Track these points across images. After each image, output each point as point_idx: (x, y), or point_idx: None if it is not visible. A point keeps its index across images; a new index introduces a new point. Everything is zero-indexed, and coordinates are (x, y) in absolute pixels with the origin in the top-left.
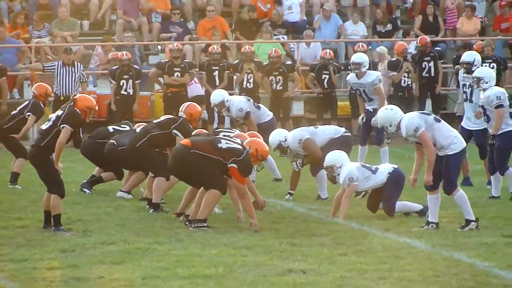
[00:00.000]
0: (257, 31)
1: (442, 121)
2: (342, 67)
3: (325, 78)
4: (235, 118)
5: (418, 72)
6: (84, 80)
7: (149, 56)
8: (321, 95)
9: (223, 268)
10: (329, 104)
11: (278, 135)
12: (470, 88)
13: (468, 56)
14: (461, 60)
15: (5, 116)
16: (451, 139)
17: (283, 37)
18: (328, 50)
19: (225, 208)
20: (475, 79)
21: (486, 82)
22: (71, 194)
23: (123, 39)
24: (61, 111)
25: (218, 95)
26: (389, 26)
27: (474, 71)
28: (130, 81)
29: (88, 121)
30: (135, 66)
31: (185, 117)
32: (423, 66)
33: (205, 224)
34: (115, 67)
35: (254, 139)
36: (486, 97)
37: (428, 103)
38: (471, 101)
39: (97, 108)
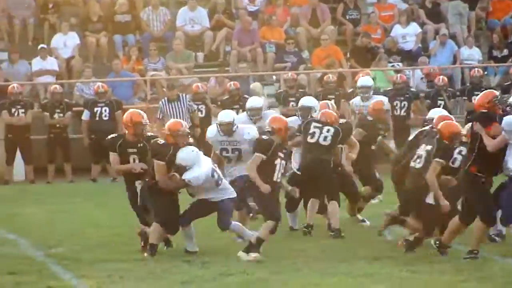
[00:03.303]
0: (372, 59)
1: None
2: (458, 93)
3: (440, 104)
4: None
5: None
6: (193, 110)
7: (264, 86)
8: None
9: None
10: None
11: None
12: None
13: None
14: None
15: None
16: None
17: (398, 64)
18: (441, 77)
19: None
20: None
21: None
22: None
23: (238, 70)
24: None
25: None
26: (506, 51)
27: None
28: (240, 110)
29: None
30: (245, 96)
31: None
32: None
33: None
34: (226, 97)
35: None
36: None
37: None
38: None
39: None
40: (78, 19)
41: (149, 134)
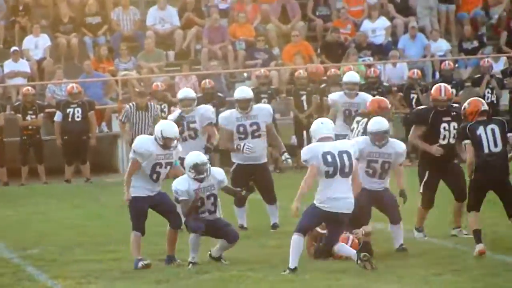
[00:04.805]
0: (343, 54)
1: None
2: (430, 86)
3: (413, 97)
4: None
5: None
6: (157, 115)
7: (235, 84)
8: (409, 115)
9: None
10: None
11: None
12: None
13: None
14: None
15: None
16: None
17: (368, 59)
18: (415, 70)
19: None
20: None
21: None
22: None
23: (209, 67)
24: None
25: None
26: (475, 43)
27: None
28: (214, 109)
29: None
30: (219, 94)
31: None
32: None
33: None
34: (199, 95)
35: None
36: None
37: None
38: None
39: None
40: (49, 21)
41: None
